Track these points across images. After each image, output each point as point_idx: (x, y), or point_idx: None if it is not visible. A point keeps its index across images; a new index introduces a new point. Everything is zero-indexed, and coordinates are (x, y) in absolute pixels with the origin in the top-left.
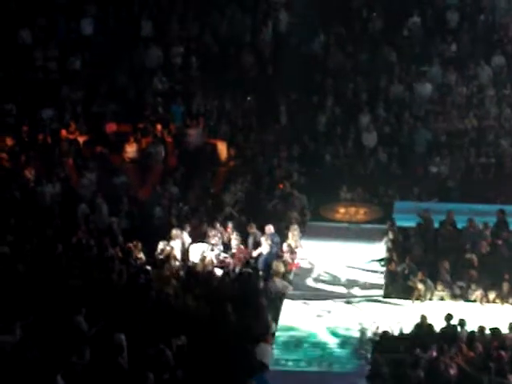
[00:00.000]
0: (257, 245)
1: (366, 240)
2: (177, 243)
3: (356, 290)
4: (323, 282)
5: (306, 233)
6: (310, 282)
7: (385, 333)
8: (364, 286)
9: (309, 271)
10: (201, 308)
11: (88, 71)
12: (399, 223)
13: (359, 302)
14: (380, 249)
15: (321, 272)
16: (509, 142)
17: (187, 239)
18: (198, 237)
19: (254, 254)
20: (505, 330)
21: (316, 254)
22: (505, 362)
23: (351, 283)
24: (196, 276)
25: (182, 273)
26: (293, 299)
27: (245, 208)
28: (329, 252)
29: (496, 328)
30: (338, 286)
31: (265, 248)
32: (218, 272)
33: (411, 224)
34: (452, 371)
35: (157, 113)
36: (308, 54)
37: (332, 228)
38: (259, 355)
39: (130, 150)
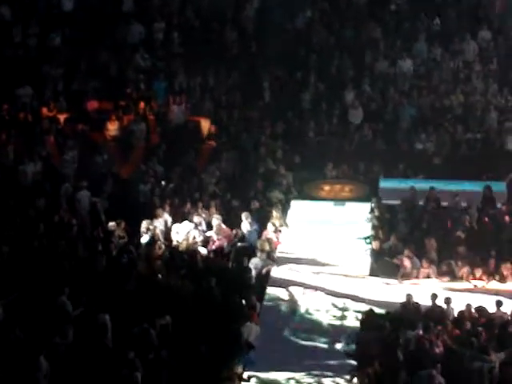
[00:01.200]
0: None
1: (351, 217)
2: (160, 222)
3: (341, 268)
4: (308, 260)
5: (291, 211)
6: (295, 260)
7: (371, 311)
8: (349, 264)
9: (294, 249)
10: (185, 287)
11: (69, 48)
12: (385, 200)
13: (345, 279)
14: (365, 226)
15: (306, 250)
16: (495, 117)
17: (169, 218)
18: (182, 215)
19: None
20: (492, 308)
21: (301, 232)
22: (486, 339)
23: (336, 261)
24: (180, 255)
25: (165, 252)
26: (278, 277)
27: (229, 186)
28: (314, 230)
29: (481, 306)
30: (322, 264)
31: (245, 226)
32: (202, 251)
33: (397, 201)
34: (438, 349)
35: (139, 90)
36: (292, 30)
37: (317, 206)
38: (245, 334)
39: (112, 127)
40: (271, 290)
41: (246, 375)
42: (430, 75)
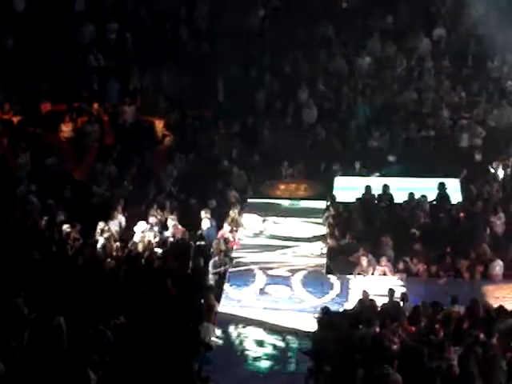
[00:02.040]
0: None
1: (307, 216)
2: (115, 223)
3: (298, 267)
4: (264, 258)
5: (247, 210)
6: (252, 259)
7: (327, 309)
8: (306, 263)
9: (250, 248)
10: (142, 288)
11: (21, 49)
12: (340, 199)
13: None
14: (321, 225)
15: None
16: (448, 115)
17: (123, 219)
18: (138, 217)
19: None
20: (447, 304)
21: (257, 232)
22: (442, 335)
23: (293, 260)
24: (136, 256)
25: (121, 253)
26: (235, 276)
27: (185, 186)
28: (270, 229)
29: (437, 302)
30: (278, 262)
31: (205, 223)
32: (159, 251)
33: (352, 199)
34: (395, 346)
35: (92, 91)
36: (246, 29)
37: (273, 205)
38: (203, 334)
39: (66, 129)
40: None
41: (203, 375)
42: (383, 73)
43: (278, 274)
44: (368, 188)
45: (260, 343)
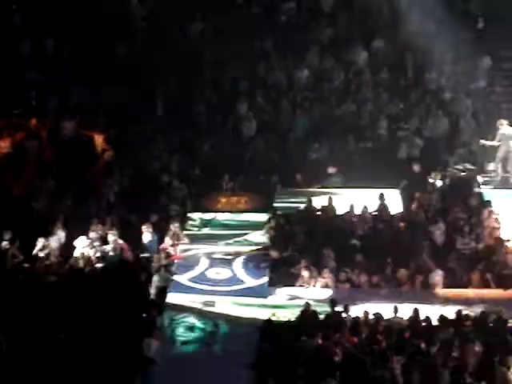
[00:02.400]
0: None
1: (248, 229)
2: (54, 239)
3: (240, 279)
4: (206, 271)
5: (187, 224)
6: (192, 273)
7: (269, 321)
8: (248, 275)
9: (192, 262)
10: (83, 304)
11: None
12: (281, 211)
13: (243, 290)
14: (263, 237)
15: (204, 262)
16: (386, 126)
17: (62, 235)
18: (78, 232)
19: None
20: (390, 314)
21: (198, 245)
22: (385, 345)
23: (235, 272)
24: (77, 272)
25: (61, 269)
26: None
27: (125, 200)
28: (211, 242)
29: (378, 313)
30: (221, 275)
31: (146, 237)
32: (99, 266)
33: (293, 211)
34: (337, 357)
35: (30, 106)
36: (184, 43)
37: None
38: (145, 350)
39: (4, 145)
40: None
41: None
42: (321, 85)
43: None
44: (309, 200)
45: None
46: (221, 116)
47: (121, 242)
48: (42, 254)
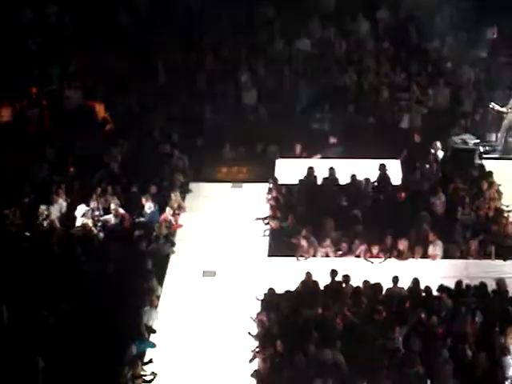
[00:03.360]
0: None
1: (248, 199)
2: (55, 208)
3: (240, 250)
4: (207, 242)
5: (188, 193)
6: (194, 243)
7: (270, 291)
8: (248, 245)
9: (192, 232)
10: (84, 273)
11: None
12: (282, 181)
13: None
14: (263, 207)
15: (205, 231)
16: (388, 96)
17: (64, 204)
18: (80, 201)
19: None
20: (389, 284)
21: (199, 215)
22: (386, 316)
23: (235, 243)
24: (77, 240)
25: (62, 238)
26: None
27: (127, 170)
28: (212, 212)
29: (378, 283)
30: (222, 246)
31: (148, 206)
32: (100, 235)
33: (294, 181)
34: (338, 327)
35: (32, 75)
36: (186, 11)
37: (215, 188)
38: (145, 318)
39: (5, 113)
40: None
41: (147, 358)
42: (323, 55)
43: None
44: (310, 170)
45: None
46: (222, 85)
47: (122, 211)
48: (43, 223)
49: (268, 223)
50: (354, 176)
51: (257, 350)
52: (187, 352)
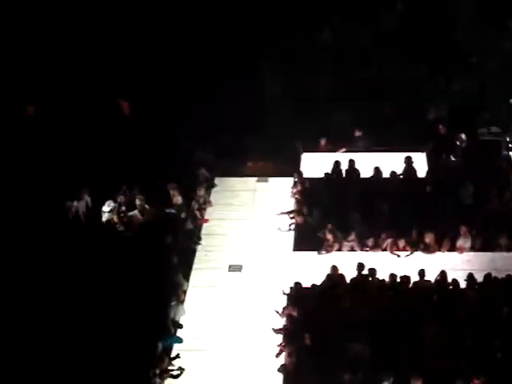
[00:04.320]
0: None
1: (274, 193)
2: (81, 204)
3: (266, 244)
4: (233, 236)
5: (214, 188)
6: (220, 237)
7: (296, 285)
8: (274, 240)
9: (218, 226)
10: (111, 269)
11: None
12: (307, 175)
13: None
14: (288, 201)
15: (231, 226)
16: (413, 88)
17: (89, 199)
18: (106, 197)
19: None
20: (415, 277)
21: (225, 210)
22: (413, 309)
23: (261, 237)
24: (104, 236)
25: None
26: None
27: (153, 165)
28: (238, 206)
29: (406, 276)
30: (247, 241)
31: (176, 200)
32: (126, 230)
33: (319, 175)
34: (365, 320)
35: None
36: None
37: (241, 182)
38: (173, 313)
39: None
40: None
41: (174, 353)
42: (347, 47)
43: None
44: (336, 163)
45: None
46: (246, 80)
47: (147, 207)
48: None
49: (293, 217)
50: (379, 169)
51: (283, 344)
52: (214, 347)
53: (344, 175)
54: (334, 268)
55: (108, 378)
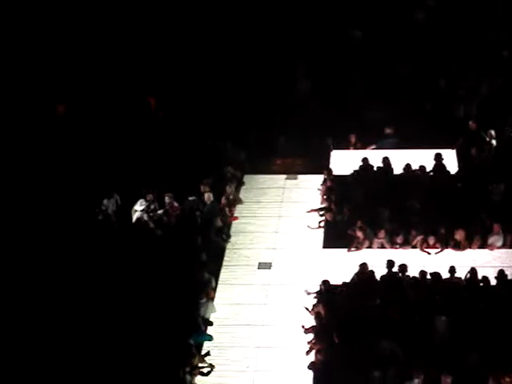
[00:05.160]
0: None
1: (303, 190)
2: (111, 202)
3: (295, 242)
4: (263, 234)
5: (243, 186)
6: (249, 235)
7: (325, 283)
8: (303, 237)
9: (248, 224)
10: (140, 267)
11: None
12: (336, 172)
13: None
14: (318, 199)
15: (260, 224)
16: (444, 84)
17: (118, 198)
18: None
19: None
20: (445, 274)
21: (254, 207)
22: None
23: (290, 235)
24: (134, 233)
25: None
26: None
27: (182, 163)
28: (267, 204)
29: (436, 273)
30: (277, 238)
31: (207, 197)
32: (156, 228)
33: (349, 173)
34: (396, 317)
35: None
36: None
37: (270, 180)
38: (202, 311)
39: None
40: None
41: (204, 351)
42: (379, 44)
43: None
44: (365, 160)
45: None
46: (276, 77)
47: (176, 204)
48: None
49: (323, 215)
50: (409, 166)
51: (313, 341)
52: (243, 344)
53: (375, 172)
54: (364, 266)
55: (139, 374)
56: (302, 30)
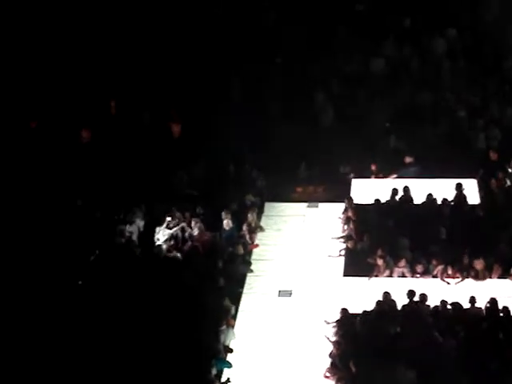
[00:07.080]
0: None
1: (324, 218)
2: (134, 228)
3: (316, 269)
4: (283, 262)
5: (264, 213)
6: (270, 262)
7: (344, 311)
8: (324, 265)
9: (268, 251)
10: (161, 295)
11: None
12: (357, 200)
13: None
14: (339, 227)
15: (281, 251)
16: (465, 115)
17: (141, 223)
18: (157, 221)
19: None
20: (466, 304)
21: (275, 235)
22: (464, 336)
23: (310, 263)
24: (157, 260)
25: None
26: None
27: (202, 189)
28: (288, 231)
29: (457, 303)
30: (297, 266)
31: (226, 224)
32: (179, 255)
33: (370, 201)
34: (416, 345)
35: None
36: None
37: (291, 208)
38: (222, 338)
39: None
40: None
41: (224, 378)
42: (399, 74)
43: None
44: (394, 191)
45: None
46: (297, 105)
47: (203, 230)
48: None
49: (344, 243)
50: (430, 195)
51: (331, 371)
52: (263, 372)
53: (396, 201)
54: (387, 295)
55: None
56: (322, 62)
